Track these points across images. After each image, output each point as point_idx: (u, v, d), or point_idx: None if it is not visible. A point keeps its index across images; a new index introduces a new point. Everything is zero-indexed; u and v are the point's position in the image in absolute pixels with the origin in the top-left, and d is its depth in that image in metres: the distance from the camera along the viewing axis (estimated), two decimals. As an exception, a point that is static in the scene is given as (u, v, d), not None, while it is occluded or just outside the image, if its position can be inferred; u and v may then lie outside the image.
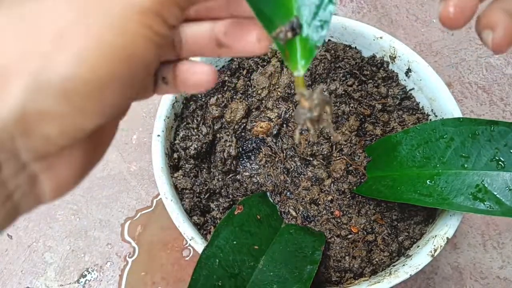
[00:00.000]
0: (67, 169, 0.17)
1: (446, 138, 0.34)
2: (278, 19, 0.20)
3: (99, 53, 0.14)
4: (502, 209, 0.30)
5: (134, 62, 0.15)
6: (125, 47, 0.15)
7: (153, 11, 0.15)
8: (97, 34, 0.14)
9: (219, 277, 0.31)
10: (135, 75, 0.15)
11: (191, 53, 0.22)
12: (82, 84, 0.14)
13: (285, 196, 0.39)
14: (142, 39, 0.15)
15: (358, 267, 0.35)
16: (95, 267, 0.42)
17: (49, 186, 0.17)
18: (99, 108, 0.15)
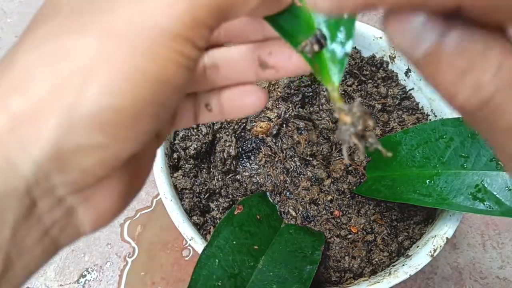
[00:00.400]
0: (107, 200, 0.17)
1: (445, 138, 0.34)
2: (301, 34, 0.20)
3: (130, 81, 0.14)
4: (501, 209, 0.30)
5: (166, 87, 0.15)
6: (156, 73, 0.14)
7: (183, 36, 0.15)
8: (126, 61, 0.14)
9: (218, 277, 0.31)
10: (168, 100, 0.15)
11: (227, 79, 0.21)
12: (115, 113, 0.14)
13: (285, 196, 0.39)
14: (172, 64, 0.15)
15: (357, 267, 0.35)
16: (94, 267, 0.42)
17: (88, 218, 0.17)
18: (134, 135, 0.15)
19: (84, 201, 0.16)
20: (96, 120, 0.14)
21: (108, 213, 0.17)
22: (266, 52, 0.20)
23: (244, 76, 0.21)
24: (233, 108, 0.21)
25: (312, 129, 0.41)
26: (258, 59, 0.20)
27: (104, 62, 0.14)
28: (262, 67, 0.20)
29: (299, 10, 0.20)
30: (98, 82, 0.14)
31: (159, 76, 0.15)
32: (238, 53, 0.21)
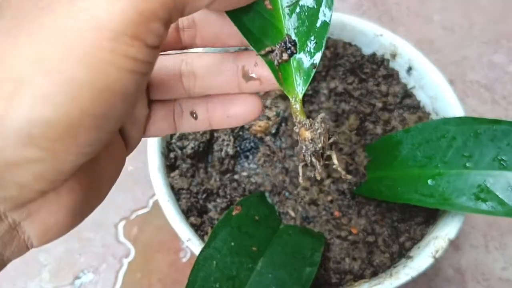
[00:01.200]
0: (54, 214, 0.16)
1: (447, 137, 0.33)
2: (267, 39, 0.18)
3: (64, 91, 0.12)
4: (504, 210, 0.30)
5: (109, 96, 0.13)
6: (96, 81, 0.13)
7: (128, 33, 0.13)
8: (61, 69, 0.12)
9: (216, 279, 0.31)
10: (113, 109, 0.14)
11: (206, 89, 0.20)
12: (48, 127, 0.12)
13: (284, 197, 0.38)
14: (116, 69, 0.13)
15: (358, 269, 0.34)
16: (90, 269, 0.41)
17: (35, 233, 0.16)
18: (73, 148, 0.13)
19: (28, 216, 0.15)
20: (26, 134, 0.12)
21: (58, 227, 0.16)
22: (252, 62, 0.19)
23: (224, 87, 0.20)
24: (220, 118, 0.20)
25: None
26: (242, 70, 0.19)
27: (37, 70, 0.12)
28: (246, 78, 0.19)
29: (268, 13, 0.18)
30: (30, 92, 0.12)
31: (99, 84, 0.13)
32: (219, 62, 0.20)
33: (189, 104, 0.21)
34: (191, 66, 0.20)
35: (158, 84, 0.20)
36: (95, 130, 0.14)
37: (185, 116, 0.21)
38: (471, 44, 0.55)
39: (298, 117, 0.18)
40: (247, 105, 0.20)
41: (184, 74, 0.20)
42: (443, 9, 0.58)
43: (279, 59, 0.18)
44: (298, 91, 0.18)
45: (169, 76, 0.20)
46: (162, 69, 0.20)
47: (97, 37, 0.13)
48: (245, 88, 0.20)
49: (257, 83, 0.19)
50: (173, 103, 0.21)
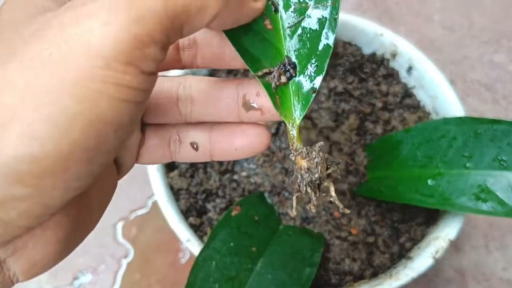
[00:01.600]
0: (41, 249, 0.15)
1: (448, 137, 0.33)
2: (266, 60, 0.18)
3: (53, 124, 0.12)
4: (504, 210, 0.30)
5: (101, 128, 0.12)
6: (86, 113, 0.12)
7: (121, 60, 0.12)
8: (51, 101, 0.12)
9: (216, 279, 0.30)
10: (105, 141, 0.13)
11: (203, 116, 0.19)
12: (35, 163, 0.12)
13: (283, 197, 0.38)
14: (107, 99, 0.12)
15: (358, 270, 0.34)
16: (89, 269, 0.41)
17: (20, 268, 0.15)
18: (62, 184, 0.13)
19: (13, 253, 0.14)
20: (13, 172, 0.12)
21: (45, 262, 0.15)
22: (254, 91, 0.18)
23: (223, 114, 0.19)
24: (226, 150, 0.19)
25: (311, 128, 0.40)
26: (243, 99, 0.18)
27: (26, 103, 0.12)
28: (246, 107, 0.18)
29: (268, 33, 0.18)
30: (18, 128, 0.12)
31: (90, 115, 0.12)
32: (219, 88, 0.19)
33: (189, 134, 0.20)
34: (189, 91, 0.19)
35: (153, 107, 0.19)
36: (86, 163, 0.13)
37: (183, 146, 0.20)
38: (471, 43, 0.55)
39: (295, 144, 0.17)
40: (255, 136, 0.19)
41: (181, 98, 0.19)
42: (443, 8, 0.58)
43: (277, 82, 0.17)
44: (296, 116, 0.18)
45: (165, 99, 0.19)
46: (158, 91, 0.19)
47: (88, 65, 0.12)
48: (244, 117, 0.19)
49: (258, 113, 0.18)
50: (169, 130, 0.20)
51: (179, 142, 0.20)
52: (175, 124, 0.20)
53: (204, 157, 0.20)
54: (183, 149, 0.20)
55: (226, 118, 0.19)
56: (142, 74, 0.13)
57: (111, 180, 0.18)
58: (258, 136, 0.19)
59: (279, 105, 0.18)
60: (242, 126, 0.19)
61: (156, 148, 0.20)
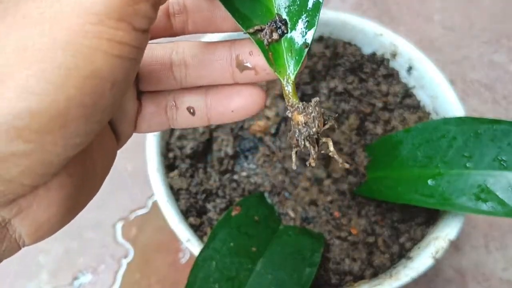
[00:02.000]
0: (46, 210, 0.15)
1: (448, 137, 0.33)
2: (256, 18, 0.18)
3: (49, 80, 0.12)
4: (504, 210, 0.30)
5: (97, 84, 0.13)
6: (80, 68, 0.12)
7: (113, 16, 0.12)
8: (44, 57, 0.12)
9: (215, 279, 0.30)
10: (101, 98, 0.13)
11: (198, 79, 0.19)
12: (34, 118, 0.12)
13: (283, 197, 0.38)
14: (101, 54, 0.12)
15: (358, 270, 0.34)
16: (89, 269, 0.41)
17: (26, 230, 0.15)
18: (62, 140, 0.13)
19: (18, 213, 0.15)
20: (11, 127, 0.12)
21: (50, 224, 0.16)
22: (246, 51, 0.18)
23: (217, 77, 0.19)
24: (222, 113, 0.19)
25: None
26: (236, 59, 0.18)
27: (21, 60, 0.12)
28: (240, 68, 0.18)
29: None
30: (13, 84, 0.12)
31: (85, 71, 0.12)
32: (212, 51, 0.19)
33: (185, 99, 0.20)
34: (182, 55, 0.19)
35: (147, 74, 0.19)
36: (83, 120, 0.13)
37: (180, 112, 0.20)
38: (471, 43, 0.55)
39: (291, 100, 0.18)
40: (251, 96, 0.19)
41: (175, 64, 0.19)
42: (443, 8, 0.57)
43: (269, 39, 0.18)
44: (290, 72, 0.18)
45: (159, 65, 0.19)
46: (151, 58, 0.19)
47: (81, 22, 0.12)
48: (239, 78, 0.19)
49: (252, 73, 0.18)
50: (165, 96, 0.20)
51: (175, 108, 0.20)
52: (171, 90, 0.20)
53: (202, 121, 0.20)
54: (180, 114, 0.20)
55: (220, 81, 0.19)
56: (134, 31, 0.13)
57: (111, 148, 0.19)
58: (253, 96, 0.19)
59: (272, 61, 0.18)
60: (237, 87, 0.19)
61: (153, 116, 0.20)
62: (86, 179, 0.17)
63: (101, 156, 0.18)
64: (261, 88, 0.19)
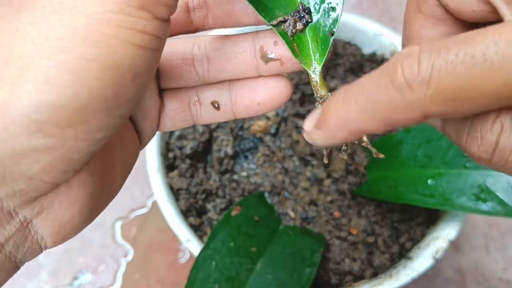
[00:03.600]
0: (68, 210, 0.15)
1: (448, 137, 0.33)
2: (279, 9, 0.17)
3: (70, 71, 0.12)
4: (504, 210, 0.30)
5: (119, 75, 0.12)
6: (102, 58, 0.12)
7: (134, 4, 0.12)
8: (65, 47, 0.12)
9: (215, 279, 0.30)
10: (124, 89, 0.13)
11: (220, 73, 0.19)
12: (55, 111, 0.12)
13: (283, 197, 0.38)
14: (122, 44, 0.12)
15: (358, 270, 0.34)
16: (89, 269, 0.41)
17: (48, 231, 0.15)
18: (83, 135, 0.13)
19: (40, 213, 0.14)
20: (32, 121, 0.12)
21: (72, 224, 0.15)
22: (271, 42, 0.18)
23: (241, 70, 0.18)
24: (249, 106, 0.19)
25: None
26: (260, 51, 0.18)
27: (41, 51, 0.12)
28: (264, 59, 0.18)
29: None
30: (34, 76, 0.12)
31: (107, 61, 0.12)
32: (234, 43, 0.18)
33: (209, 94, 0.19)
34: (204, 49, 0.18)
35: (169, 70, 0.19)
36: (106, 113, 0.13)
37: (204, 107, 0.19)
38: (471, 43, 0.55)
39: (319, 91, 0.17)
40: (277, 88, 0.18)
41: (197, 58, 0.18)
42: (443, 8, 0.57)
43: (293, 29, 0.17)
44: (316, 61, 0.17)
45: (180, 61, 0.19)
46: (172, 53, 0.19)
47: (101, 10, 0.12)
48: (264, 70, 0.18)
49: (277, 63, 0.18)
50: (188, 92, 0.19)
51: (199, 103, 0.19)
52: (194, 86, 0.19)
53: (227, 115, 0.19)
54: (205, 110, 0.19)
55: (245, 74, 0.19)
56: (156, 20, 0.13)
57: (133, 146, 0.18)
58: (280, 87, 0.18)
59: (298, 52, 0.17)
60: (262, 79, 0.18)
61: (176, 113, 0.19)
62: (108, 178, 0.16)
63: (123, 154, 0.17)
64: (286, 78, 0.19)
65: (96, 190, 0.15)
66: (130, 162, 0.18)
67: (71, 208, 0.15)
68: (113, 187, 0.17)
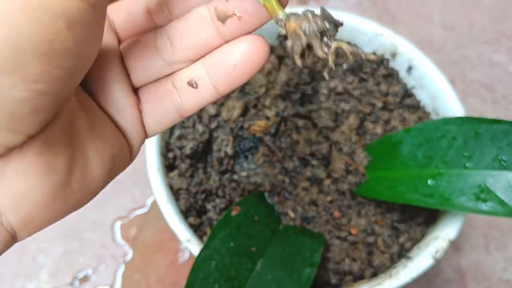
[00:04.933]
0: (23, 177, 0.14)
1: (448, 137, 0.33)
2: None
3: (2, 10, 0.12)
4: (504, 210, 0.30)
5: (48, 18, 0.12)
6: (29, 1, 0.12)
7: None
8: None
9: (215, 279, 0.30)
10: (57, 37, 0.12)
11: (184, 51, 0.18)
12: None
13: (283, 197, 0.38)
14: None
15: (358, 270, 0.34)
16: (89, 269, 0.41)
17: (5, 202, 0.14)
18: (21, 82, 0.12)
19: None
20: None
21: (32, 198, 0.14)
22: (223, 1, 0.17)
23: (204, 40, 0.18)
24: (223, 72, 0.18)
25: (311, 128, 0.40)
26: (215, 12, 0.17)
27: None
28: (221, 19, 0.17)
29: None
30: None
31: (33, 4, 0.12)
32: (190, 17, 0.18)
33: (183, 76, 0.18)
34: (166, 35, 0.18)
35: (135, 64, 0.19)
36: (41, 60, 0.12)
37: (182, 91, 0.18)
38: (471, 43, 0.55)
39: (279, 13, 0.15)
40: (252, 44, 0.17)
41: (160, 46, 0.18)
42: (443, 8, 0.57)
43: None
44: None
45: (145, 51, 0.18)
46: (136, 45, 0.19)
47: None
48: (226, 32, 0.17)
49: (236, 19, 0.17)
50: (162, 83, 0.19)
51: (176, 90, 0.19)
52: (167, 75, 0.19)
53: (209, 92, 0.18)
54: (183, 94, 0.19)
55: (210, 44, 0.18)
56: None
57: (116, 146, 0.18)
58: (255, 43, 0.17)
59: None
60: (233, 42, 0.18)
61: (154, 105, 0.19)
62: (75, 164, 0.16)
63: (100, 150, 0.17)
64: (261, 36, 0.18)
65: (57, 165, 0.15)
66: (110, 164, 0.18)
67: (26, 177, 0.14)
68: (86, 179, 0.16)
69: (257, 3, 0.16)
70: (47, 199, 0.15)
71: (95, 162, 0.17)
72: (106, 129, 0.18)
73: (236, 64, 0.17)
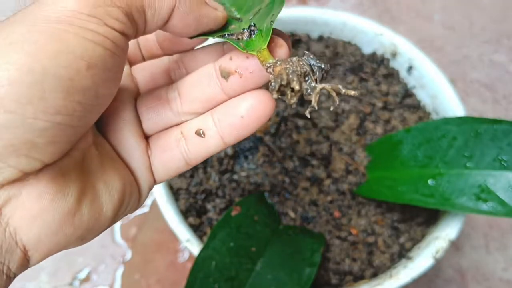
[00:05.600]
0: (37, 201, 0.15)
1: (448, 137, 0.33)
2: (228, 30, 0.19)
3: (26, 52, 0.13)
4: (505, 210, 0.30)
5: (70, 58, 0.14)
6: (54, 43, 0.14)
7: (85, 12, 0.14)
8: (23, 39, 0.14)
9: (215, 279, 0.30)
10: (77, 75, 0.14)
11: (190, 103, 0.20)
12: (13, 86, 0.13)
13: (283, 197, 0.38)
14: (73, 36, 0.14)
15: (358, 270, 0.34)
16: (89, 269, 0.41)
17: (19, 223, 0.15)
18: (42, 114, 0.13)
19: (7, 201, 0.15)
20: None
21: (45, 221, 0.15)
22: (227, 59, 0.18)
23: (209, 95, 0.19)
24: (230, 124, 0.19)
25: (311, 128, 0.40)
26: (219, 69, 0.19)
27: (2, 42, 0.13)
28: (224, 75, 0.18)
29: None
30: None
31: (59, 46, 0.14)
32: (198, 74, 0.19)
33: (192, 125, 0.20)
34: (176, 89, 0.20)
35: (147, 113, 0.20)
36: (62, 94, 0.14)
37: (190, 140, 0.20)
38: (471, 43, 0.55)
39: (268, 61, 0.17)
40: (257, 98, 0.18)
41: (171, 98, 0.20)
42: (444, 8, 0.57)
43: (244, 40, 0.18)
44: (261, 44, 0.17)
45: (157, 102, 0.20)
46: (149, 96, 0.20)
47: (57, 15, 0.14)
48: (228, 88, 0.18)
49: (237, 77, 0.18)
50: (172, 131, 0.20)
51: (184, 138, 0.20)
52: (176, 124, 0.20)
53: (215, 142, 0.19)
54: (191, 143, 0.20)
55: (214, 98, 0.19)
56: (106, 26, 0.15)
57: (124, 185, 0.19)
58: (260, 97, 0.18)
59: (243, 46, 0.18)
60: (240, 96, 0.19)
61: (163, 151, 0.20)
62: (85, 193, 0.17)
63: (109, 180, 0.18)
64: (265, 90, 0.19)
65: (68, 193, 0.16)
66: (120, 197, 0.18)
67: (40, 200, 0.15)
68: (95, 210, 0.17)
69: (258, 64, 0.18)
70: (58, 223, 0.16)
71: (104, 194, 0.18)
72: (117, 167, 0.19)
73: (243, 116, 0.18)
